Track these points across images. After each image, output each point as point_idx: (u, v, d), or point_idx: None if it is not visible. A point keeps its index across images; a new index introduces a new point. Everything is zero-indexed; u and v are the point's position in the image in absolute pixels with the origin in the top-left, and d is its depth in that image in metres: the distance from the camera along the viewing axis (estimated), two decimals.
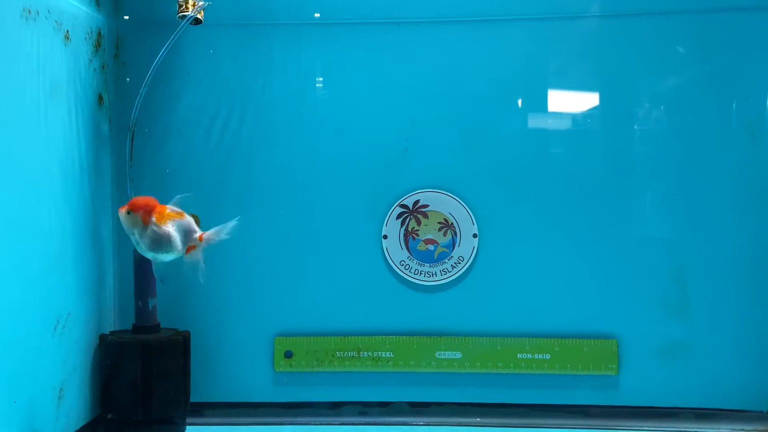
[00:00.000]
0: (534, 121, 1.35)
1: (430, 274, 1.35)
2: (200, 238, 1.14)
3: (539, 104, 1.35)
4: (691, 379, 1.31)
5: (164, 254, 1.11)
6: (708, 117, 1.31)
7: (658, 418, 1.31)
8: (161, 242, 1.10)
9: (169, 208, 1.11)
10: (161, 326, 1.30)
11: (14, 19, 1.01)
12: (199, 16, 1.25)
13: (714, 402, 1.31)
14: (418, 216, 1.36)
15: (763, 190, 1.30)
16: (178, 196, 1.13)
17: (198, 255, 1.14)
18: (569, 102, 1.36)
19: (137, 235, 1.09)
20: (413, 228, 1.36)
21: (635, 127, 1.33)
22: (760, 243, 1.30)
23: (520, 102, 1.35)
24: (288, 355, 1.36)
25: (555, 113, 1.36)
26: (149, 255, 1.11)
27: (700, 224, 1.31)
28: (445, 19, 1.34)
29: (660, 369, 1.31)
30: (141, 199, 1.10)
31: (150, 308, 1.28)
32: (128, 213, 1.08)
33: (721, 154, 1.31)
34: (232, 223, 1.15)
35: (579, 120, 1.35)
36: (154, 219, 1.09)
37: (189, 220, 1.12)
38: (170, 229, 1.10)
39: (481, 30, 1.34)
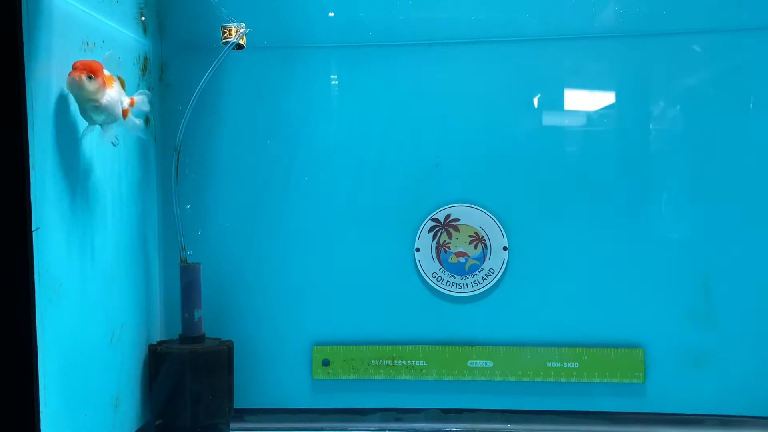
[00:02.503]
0: (560, 136, 1.40)
1: (462, 285, 1.41)
2: (132, 102, 1.11)
3: (565, 120, 1.40)
4: (716, 386, 1.35)
5: (112, 120, 1.05)
6: (728, 123, 1.35)
7: (684, 424, 1.35)
8: (114, 107, 1.04)
9: (109, 74, 1.05)
10: (206, 336, 1.37)
11: (75, 51, 1.08)
12: (241, 41, 1.31)
13: (739, 409, 1.35)
14: (450, 229, 1.41)
15: None
16: (108, 53, 1.09)
17: (134, 119, 1.13)
18: (593, 117, 1.40)
19: (94, 102, 1.00)
20: (445, 241, 1.41)
21: (661, 137, 1.37)
22: None
23: (545, 118, 1.40)
24: (325, 363, 1.42)
25: (579, 128, 1.41)
26: (100, 119, 1.04)
27: (725, 234, 1.35)
28: (474, 40, 1.39)
29: (686, 377, 1.36)
30: (91, 63, 1.00)
31: (196, 320, 1.34)
32: (90, 78, 0.98)
33: (745, 161, 1.34)
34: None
35: (603, 134, 1.40)
36: (106, 82, 1.02)
37: (119, 83, 1.08)
38: (116, 92, 1.05)
39: (508, 50, 1.39)
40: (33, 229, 0.86)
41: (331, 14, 1.39)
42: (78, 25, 1.08)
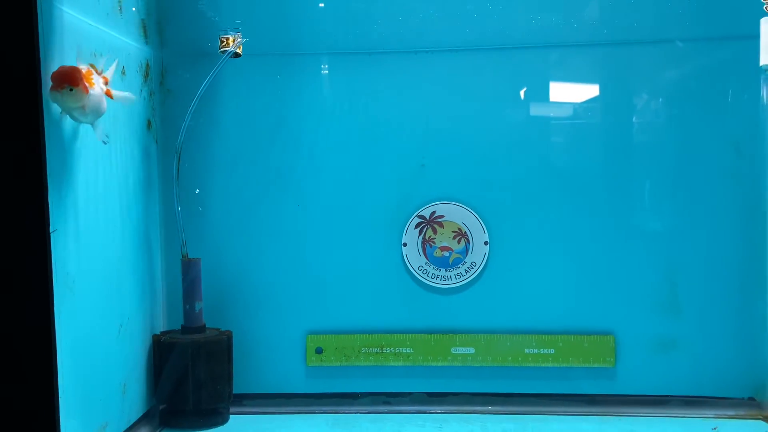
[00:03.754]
0: (537, 137, 1.49)
1: (446, 278, 1.50)
2: (105, 81, 1.10)
3: (541, 122, 1.49)
4: (680, 369, 1.45)
5: (99, 116, 1.07)
6: (697, 130, 1.45)
7: (651, 405, 1.46)
8: (99, 105, 1.06)
9: (85, 68, 1.05)
10: (206, 326, 1.45)
11: (86, 61, 1.15)
12: (238, 50, 1.39)
13: (701, 390, 1.45)
14: (435, 225, 1.50)
15: (749, 197, 1.44)
16: (113, 65, 1.12)
17: (118, 93, 1.14)
18: (571, 118, 1.49)
19: (79, 109, 1.00)
20: (430, 236, 1.50)
21: (639, 135, 1.47)
22: (745, 245, 1.44)
23: (524, 121, 1.49)
24: (319, 351, 1.51)
25: (557, 129, 1.50)
26: (87, 120, 1.06)
27: (690, 228, 1.45)
28: (456, 48, 1.47)
29: (653, 361, 1.46)
30: (70, 72, 0.99)
31: (197, 311, 1.43)
32: (71, 90, 0.98)
33: (712, 163, 1.44)
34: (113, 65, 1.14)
35: (580, 134, 1.49)
36: (87, 85, 1.01)
37: (97, 76, 1.07)
38: (99, 89, 1.05)
39: (489, 56, 1.48)
40: (51, 231, 0.94)
41: (324, 23, 1.48)
42: (87, 37, 1.16)
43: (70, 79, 0.98)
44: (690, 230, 1.45)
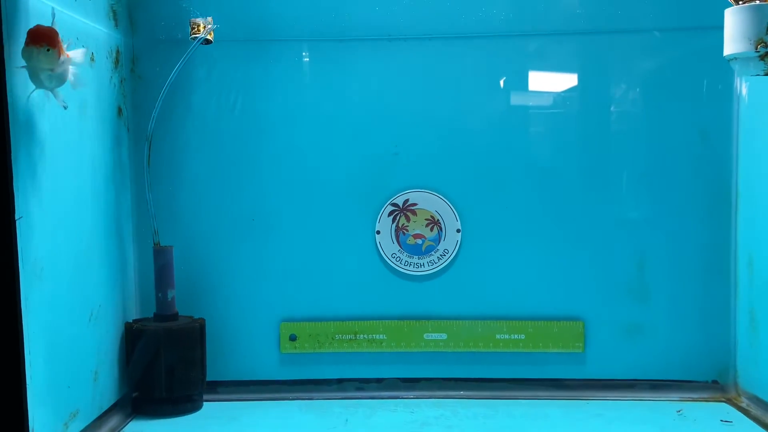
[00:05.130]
0: (513, 126, 1.50)
1: (419, 265, 1.51)
2: (68, 55, 1.04)
3: (518, 111, 1.50)
4: (647, 354, 1.49)
5: (62, 84, 1.03)
6: (669, 119, 1.47)
7: (619, 389, 1.49)
8: (65, 72, 1.03)
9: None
10: (179, 314, 1.46)
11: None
12: (209, 37, 1.38)
13: (667, 374, 1.49)
14: (408, 213, 1.51)
15: (715, 185, 1.46)
16: (82, 49, 1.06)
17: (76, 74, 1.07)
18: (546, 107, 1.51)
19: (50, 71, 0.98)
20: (403, 224, 1.51)
21: (612, 124, 1.48)
22: (710, 234, 1.47)
23: (497, 110, 1.50)
24: (292, 338, 1.52)
25: (528, 118, 1.51)
26: (51, 86, 1.01)
27: (659, 216, 1.48)
28: (431, 35, 1.48)
29: (621, 346, 1.49)
30: (49, 32, 0.97)
31: (169, 299, 1.43)
32: (48, 50, 0.96)
33: (680, 151, 1.46)
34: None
35: (555, 122, 1.50)
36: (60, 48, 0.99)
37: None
38: (69, 54, 1.02)
39: (463, 44, 1.48)
40: (17, 218, 0.94)
41: (296, 9, 1.47)
42: (54, 24, 1.14)
43: (49, 39, 0.96)
44: (659, 218, 1.48)
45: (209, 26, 1.37)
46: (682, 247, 1.47)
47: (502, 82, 1.49)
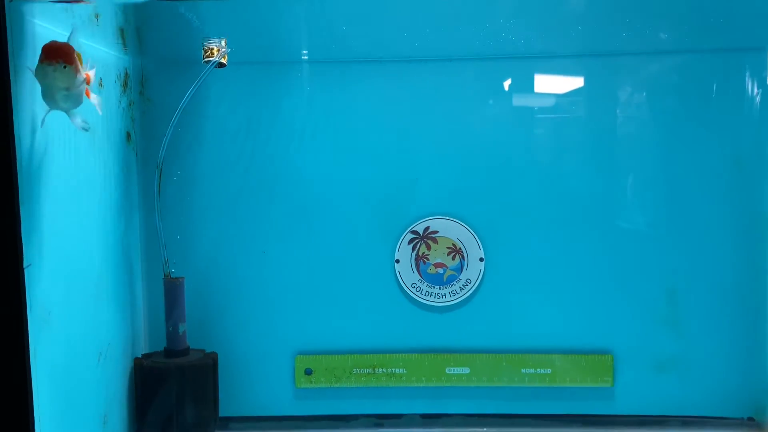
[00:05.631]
0: (536, 151, 1.44)
1: (440, 295, 1.45)
2: (88, 79, 0.99)
3: (537, 132, 1.45)
4: (679, 389, 1.43)
5: (78, 105, 0.96)
6: (696, 148, 1.41)
7: (649, 425, 1.43)
8: (82, 92, 0.96)
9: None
10: (190, 348, 1.39)
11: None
12: (223, 60, 1.32)
13: (700, 410, 1.43)
14: (428, 241, 1.45)
15: (750, 212, 1.41)
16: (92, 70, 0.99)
17: (96, 97, 1.02)
18: (565, 128, 1.45)
19: (66, 90, 0.91)
20: (424, 253, 1.45)
21: (640, 155, 1.43)
22: (745, 264, 1.41)
23: (519, 132, 1.44)
24: (308, 372, 1.46)
25: (552, 139, 1.45)
26: (67, 106, 0.94)
27: (689, 243, 1.42)
28: (452, 57, 1.42)
29: (651, 381, 1.43)
30: (65, 48, 0.90)
31: (180, 333, 1.37)
32: (65, 67, 0.89)
33: (713, 180, 1.41)
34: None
35: (576, 144, 1.44)
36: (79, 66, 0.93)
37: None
38: (83, 77, 0.95)
39: (487, 66, 1.42)
40: (25, 266, 0.88)
41: (312, 30, 1.41)
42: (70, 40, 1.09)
43: (65, 55, 0.89)
44: (690, 247, 1.42)
45: (223, 50, 1.31)
46: (715, 276, 1.41)
47: (519, 105, 1.43)
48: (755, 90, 1.39)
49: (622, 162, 1.44)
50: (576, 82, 1.44)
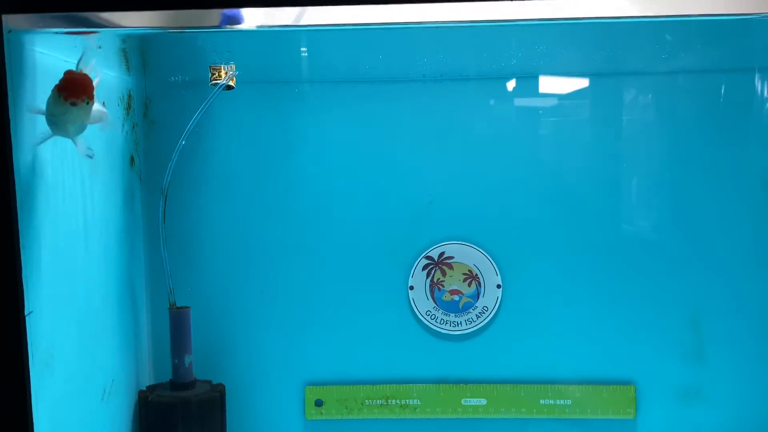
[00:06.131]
0: (554, 173, 1.39)
1: (456, 323, 1.40)
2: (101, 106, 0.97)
3: (559, 158, 1.40)
4: (705, 421, 1.38)
5: (83, 131, 0.91)
6: (722, 169, 1.36)
7: None
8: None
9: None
10: (196, 379, 1.33)
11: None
12: (231, 83, 1.27)
13: None
14: (444, 267, 1.40)
15: None
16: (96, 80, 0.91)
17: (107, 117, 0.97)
18: (585, 151, 1.40)
19: (81, 123, 0.87)
20: (438, 279, 1.40)
21: (662, 176, 1.38)
22: None
23: (536, 156, 1.39)
24: (318, 403, 1.41)
25: (571, 164, 1.40)
26: (76, 134, 0.89)
27: (713, 270, 1.37)
28: (468, 76, 1.37)
29: (675, 412, 1.38)
30: (88, 80, 0.86)
31: (186, 365, 1.31)
32: (88, 103, 0.85)
33: (738, 206, 1.36)
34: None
35: (595, 171, 1.39)
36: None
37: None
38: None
39: (503, 85, 1.38)
40: (26, 313, 0.82)
41: (322, 48, 1.36)
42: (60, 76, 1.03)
43: (89, 90, 0.84)
44: (715, 272, 1.37)
45: (231, 72, 1.26)
46: (739, 303, 1.36)
47: (544, 128, 1.38)
48: None
49: (644, 188, 1.39)
50: (595, 103, 1.39)
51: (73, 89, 0.83)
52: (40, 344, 0.90)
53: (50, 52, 0.96)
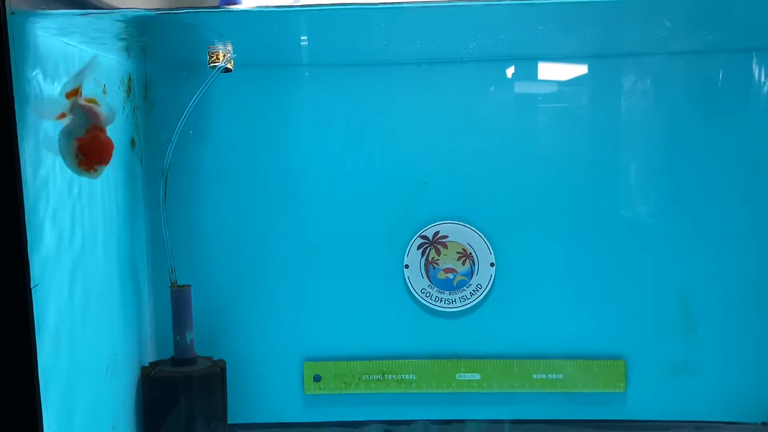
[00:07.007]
0: (547, 154, 1.42)
1: (450, 301, 1.43)
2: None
3: (551, 138, 1.42)
4: (693, 394, 1.41)
5: None
6: (712, 149, 1.39)
7: (662, 431, 1.41)
8: None
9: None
10: (198, 356, 1.37)
11: (62, 85, 1.05)
12: (229, 65, 1.29)
13: (713, 415, 1.41)
14: (438, 246, 1.43)
15: (765, 215, 1.38)
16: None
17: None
18: (579, 133, 1.42)
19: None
20: (433, 258, 1.43)
21: (653, 156, 1.40)
22: (760, 266, 1.39)
23: (531, 136, 1.41)
24: (317, 378, 1.44)
25: (564, 144, 1.43)
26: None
27: (705, 249, 1.40)
28: (462, 59, 1.39)
29: (664, 386, 1.42)
30: (110, 147, 0.90)
31: (188, 342, 1.35)
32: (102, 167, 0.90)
33: (727, 186, 1.38)
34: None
35: (588, 151, 1.42)
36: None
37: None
38: None
39: (497, 67, 1.40)
40: (32, 286, 0.85)
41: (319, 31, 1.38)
42: (63, 58, 1.05)
43: (107, 158, 0.88)
44: (704, 249, 1.40)
45: (229, 55, 1.28)
46: (728, 280, 1.39)
47: (530, 107, 1.41)
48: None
49: (634, 167, 1.41)
50: (588, 83, 1.41)
51: (91, 157, 0.86)
52: (46, 317, 0.93)
53: (51, 35, 0.99)
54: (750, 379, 1.40)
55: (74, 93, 0.92)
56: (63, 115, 0.89)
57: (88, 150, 0.86)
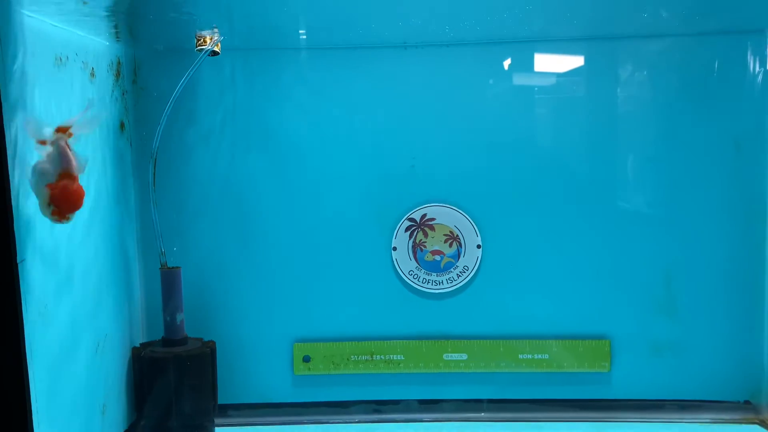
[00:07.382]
0: (532, 137, 1.43)
1: (437, 282, 1.45)
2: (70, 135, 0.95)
3: (537, 121, 1.43)
4: (676, 373, 1.43)
5: None
6: (696, 131, 1.40)
7: (646, 410, 1.43)
8: None
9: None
10: (188, 336, 1.39)
11: (50, 67, 1.07)
12: (216, 48, 1.30)
13: (697, 394, 1.43)
14: (426, 229, 1.45)
15: (749, 195, 1.40)
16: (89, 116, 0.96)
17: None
18: (564, 116, 1.44)
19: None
20: (421, 240, 1.45)
21: (638, 138, 1.42)
22: (742, 248, 1.40)
23: (518, 120, 1.43)
24: (306, 359, 1.46)
25: (550, 128, 1.44)
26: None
27: (684, 229, 1.41)
28: (449, 42, 1.40)
29: (648, 365, 1.43)
30: (80, 195, 0.93)
31: (178, 322, 1.36)
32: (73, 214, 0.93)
33: (711, 167, 1.40)
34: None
35: (574, 133, 1.43)
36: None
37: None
38: None
39: (483, 50, 1.41)
40: (18, 261, 0.87)
41: (307, 16, 1.39)
42: (50, 41, 1.07)
43: (78, 206, 0.92)
44: (687, 231, 1.41)
45: (216, 38, 1.29)
46: (711, 260, 1.41)
47: (516, 90, 1.42)
48: (756, 72, 1.38)
49: (620, 147, 1.43)
50: (575, 65, 1.42)
51: (63, 208, 0.90)
52: (33, 293, 0.95)
53: (38, 16, 1.00)
54: (732, 359, 1.42)
55: (64, 130, 0.94)
56: (44, 143, 0.92)
57: (60, 201, 0.89)
